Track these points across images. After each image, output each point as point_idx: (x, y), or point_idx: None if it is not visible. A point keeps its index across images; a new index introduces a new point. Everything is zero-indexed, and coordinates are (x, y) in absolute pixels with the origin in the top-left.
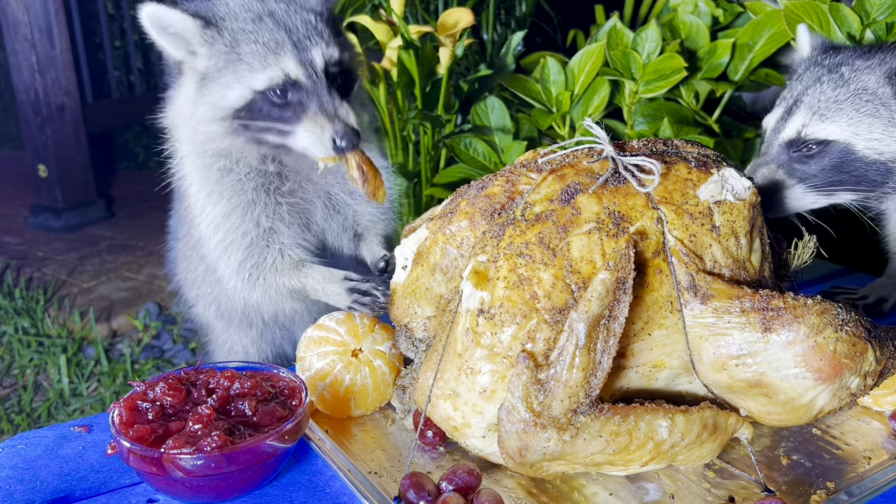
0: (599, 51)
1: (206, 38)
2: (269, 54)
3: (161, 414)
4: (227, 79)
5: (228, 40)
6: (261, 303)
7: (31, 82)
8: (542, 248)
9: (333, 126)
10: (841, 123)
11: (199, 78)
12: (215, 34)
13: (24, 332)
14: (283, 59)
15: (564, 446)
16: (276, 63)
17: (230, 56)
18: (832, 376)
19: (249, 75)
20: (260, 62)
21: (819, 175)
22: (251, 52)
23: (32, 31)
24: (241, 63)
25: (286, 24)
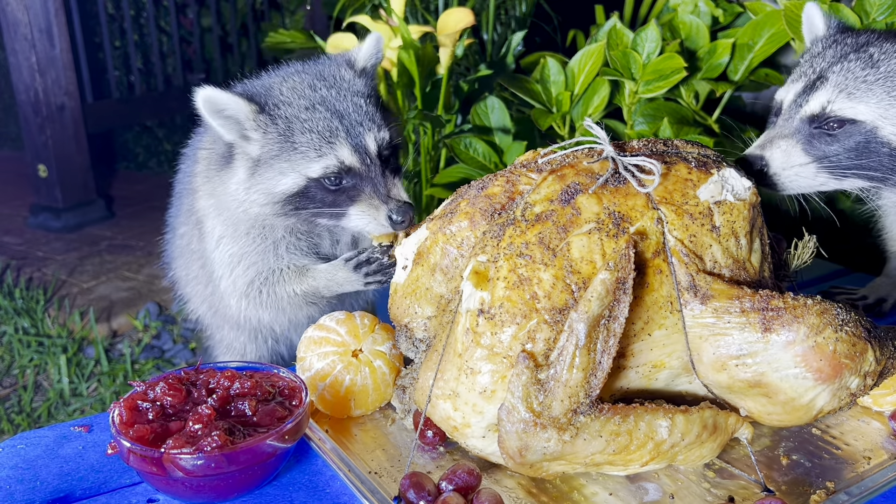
0: (599, 51)
1: (259, 124)
2: (323, 143)
3: (161, 414)
4: (281, 166)
5: (283, 128)
6: (274, 319)
7: (31, 82)
8: (542, 248)
9: (388, 206)
10: (871, 104)
11: (251, 163)
12: (269, 121)
13: (24, 332)
14: (338, 147)
15: (564, 446)
16: (331, 151)
17: (284, 144)
18: (832, 376)
19: (304, 164)
20: (315, 151)
21: (838, 155)
22: (306, 141)
23: (32, 30)
24: (296, 151)
25: (338, 111)
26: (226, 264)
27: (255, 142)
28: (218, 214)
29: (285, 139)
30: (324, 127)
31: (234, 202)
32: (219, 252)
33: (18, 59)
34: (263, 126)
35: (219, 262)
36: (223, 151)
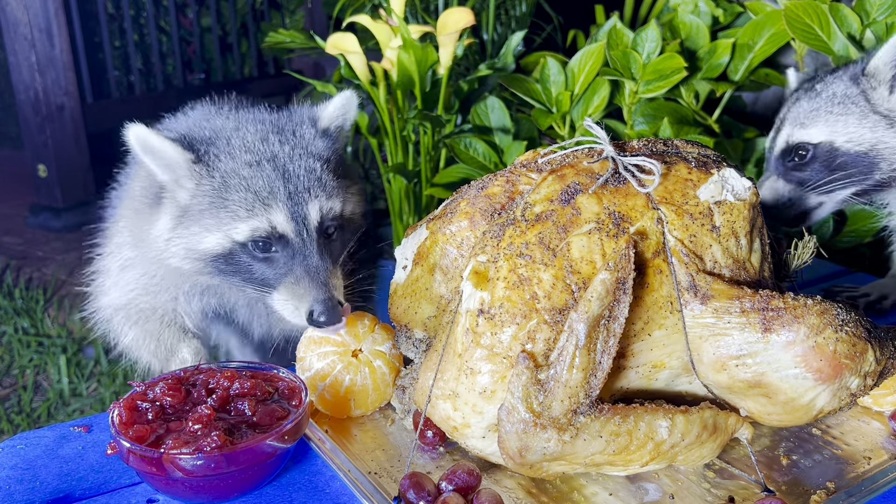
0: (599, 51)
1: (193, 174)
2: (257, 203)
3: (161, 414)
4: (207, 222)
5: (218, 182)
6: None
7: (30, 82)
8: (542, 248)
9: (315, 295)
10: (819, 126)
11: (178, 211)
12: (204, 172)
13: (24, 333)
14: (273, 210)
15: (564, 447)
16: (264, 213)
17: (215, 199)
18: (832, 376)
19: (231, 224)
20: (246, 210)
21: (814, 176)
22: (238, 199)
23: (32, 30)
24: (225, 209)
25: (285, 171)
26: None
27: (187, 190)
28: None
29: (218, 194)
30: (262, 186)
31: (153, 249)
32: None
33: (18, 58)
34: (197, 177)
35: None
36: (155, 189)
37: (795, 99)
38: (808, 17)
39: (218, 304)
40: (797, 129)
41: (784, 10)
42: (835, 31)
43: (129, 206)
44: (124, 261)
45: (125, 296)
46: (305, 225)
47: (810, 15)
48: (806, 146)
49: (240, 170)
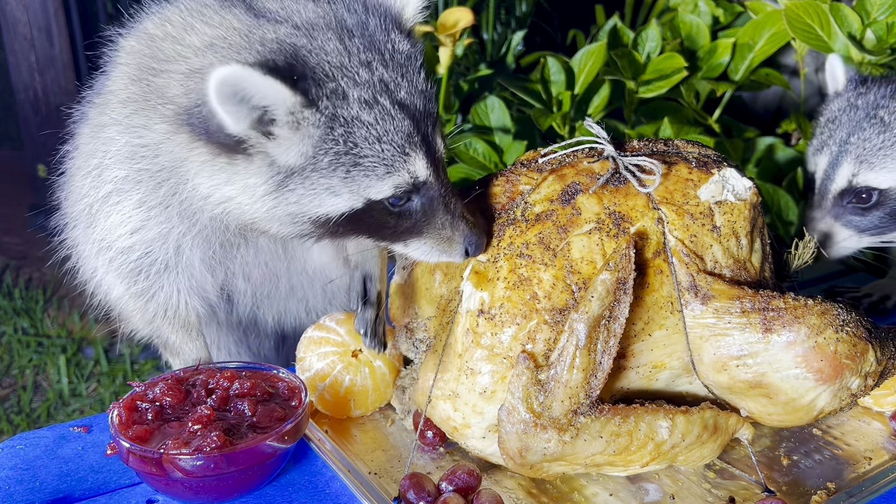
0: (600, 50)
1: (303, 123)
2: (396, 156)
3: (160, 414)
4: (331, 183)
5: (340, 133)
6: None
7: (30, 81)
8: (542, 248)
9: (464, 233)
10: (890, 169)
11: (278, 173)
12: (319, 121)
13: (24, 333)
14: (412, 158)
15: (565, 447)
16: (404, 165)
17: (342, 156)
18: (833, 377)
19: (367, 182)
20: (384, 167)
21: (874, 223)
22: (373, 155)
23: (32, 30)
24: (359, 167)
25: (404, 104)
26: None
27: (289, 145)
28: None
29: (344, 149)
30: (395, 132)
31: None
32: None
33: (17, 58)
34: (308, 127)
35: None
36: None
37: (857, 125)
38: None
39: (224, 281)
40: (865, 170)
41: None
42: (835, 30)
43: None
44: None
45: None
46: (441, 161)
47: (811, 14)
48: (871, 191)
49: (360, 114)
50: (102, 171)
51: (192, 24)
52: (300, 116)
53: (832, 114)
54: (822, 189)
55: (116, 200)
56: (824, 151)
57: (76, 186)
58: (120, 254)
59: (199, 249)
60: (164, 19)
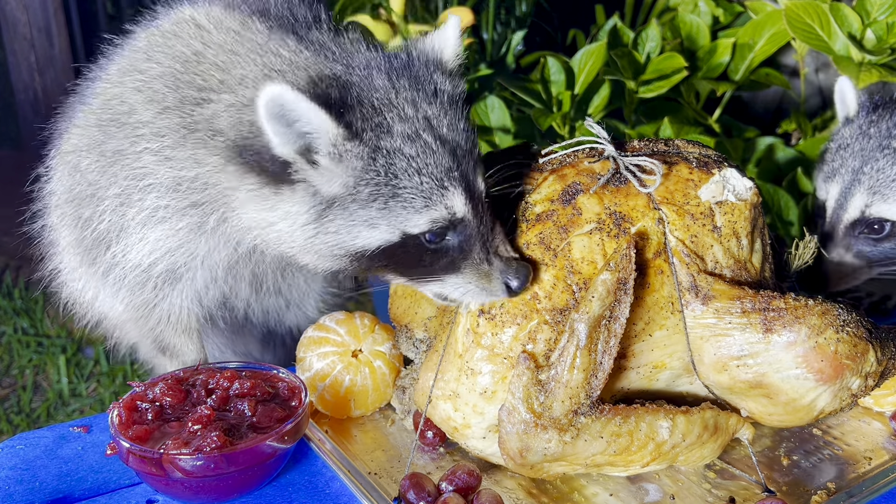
0: (600, 50)
1: (343, 155)
2: (434, 190)
3: (160, 414)
4: (370, 215)
5: (381, 164)
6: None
7: (30, 82)
8: (542, 248)
9: (502, 269)
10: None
11: (320, 203)
12: (361, 153)
13: (24, 333)
14: (451, 193)
15: (565, 447)
16: (442, 200)
17: (381, 188)
18: (833, 377)
19: (404, 215)
20: (423, 199)
21: (888, 255)
22: (412, 188)
23: (31, 30)
24: (397, 199)
25: (447, 140)
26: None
27: (330, 175)
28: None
29: (384, 181)
30: (434, 166)
31: (263, 235)
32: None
33: (17, 58)
34: (350, 158)
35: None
36: (265, 154)
37: (870, 155)
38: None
39: (228, 292)
40: (878, 201)
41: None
42: (835, 30)
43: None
44: (151, 210)
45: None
46: (480, 201)
47: (811, 14)
48: (884, 222)
49: (402, 147)
50: (130, 200)
51: (235, 50)
52: (342, 149)
53: (843, 140)
54: (834, 218)
55: (153, 226)
56: (836, 179)
57: (73, 212)
58: (133, 269)
59: (226, 262)
60: (195, 37)
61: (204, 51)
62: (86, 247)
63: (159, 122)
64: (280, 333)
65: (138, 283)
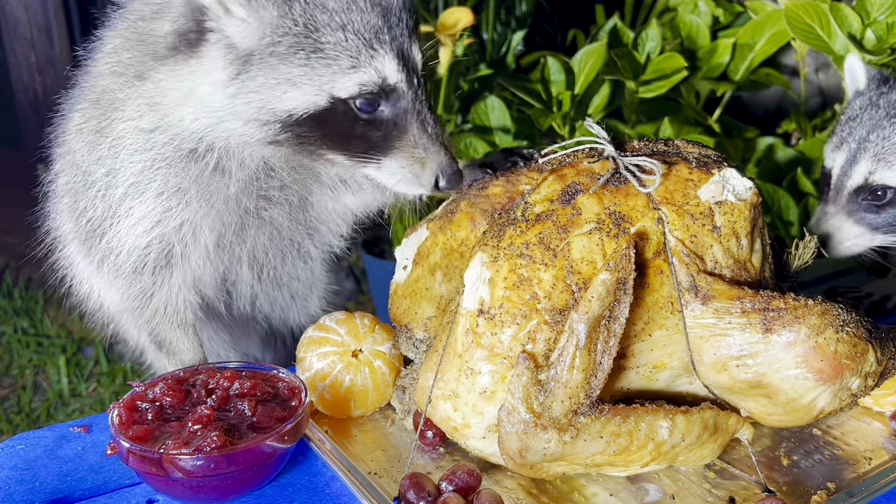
0: (600, 50)
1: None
2: (362, 48)
3: (160, 414)
4: (292, 72)
5: (299, 14)
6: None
7: (30, 82)
8: (542, 248)
9: (439, 160)
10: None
11: (236, 58)
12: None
13: (24, 333)
14: (381, 56)
15: (565, 447)
16: (371, 62)
17: (301, 39)
18: (833, 377)
19: (330, 75)
20: (349, 59)
21: (890, 223)
22: (336, 44)
23: (32, 30)
24: (320, 55)
25: (380, 2)
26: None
27: (244, 25)
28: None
29: (303, 32)
30: (363, 24)
31: (194, 111)
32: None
33: (17, 58)
34: (263, 3)
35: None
36: (180, 25)
37: (877, 123)
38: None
39: (227, 269)
40: (882, 168)
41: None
42: (835, 30)
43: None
44: (133, 180)
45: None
46: (416, 72)
47: (811, 14)
48: (887, 189)
49: (326, 0)
50: (115, 176)
51: None
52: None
53: (853, 112)
54: (838, 185)
55: (135, 196)
56: (843, 148)
57: (71, 204)
58: (128, 254)
59: (214, 234)
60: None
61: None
62: (83, 238)
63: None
64: (282, 333)
65: (135, 270)
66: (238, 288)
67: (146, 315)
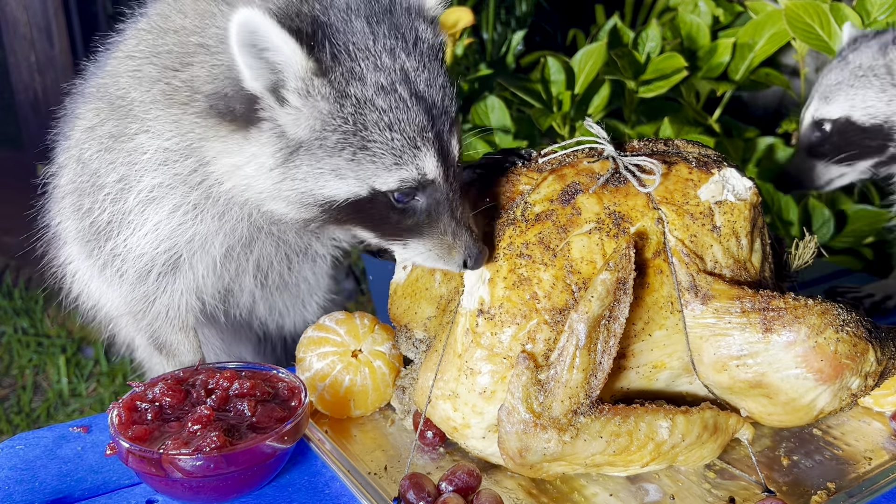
0: (600, 50)
1: (312, 93)
2: (406, 148)
3: (160, 414)
4: (338, 164)
5: (350, 112)
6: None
7: (30, 82)
8: (542, 248)
9: (466, 244)
10: (840, 101)
11: (286, 146)
12: (329, 95)
13: (24, 333)
14: (423, 154)
15: (565, 447)
16: (413, 160)
17: (350, 137)
18: (833, 377)
19: (372, 170)
20: (392, 157)
21: (834, 149)
22: (383, 143)
23: (32, 30)
24: (367, 153)
25: (421, 96)
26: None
27: (297, 114)
28: (170, 149)
29: (352, 130)
30: (408, 123)
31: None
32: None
33: (17, 58)
34: (317, 98)
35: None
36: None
37: (829, 69)
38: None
39: (230, 283)
40: (822, 105)
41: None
42: (835, 30)
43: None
44: (148, 191)
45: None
46: (452, 166)
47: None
48: (826, 121)
49: (375, 98)
50: (129, 183)
51: (210, 11)
52: (310, 84)
53: (829, 68)
54: (802, 128)
55: (152, 208)
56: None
57: (75, 203)
58: (134, 260)
59: (223, 247)
60: (175, 10)
61: (182, 21)
62: (86, 238)
63: (147, 98)
64: (275, 340)
65: (139, 276)
66: (236, 297)
67: (148, 318)
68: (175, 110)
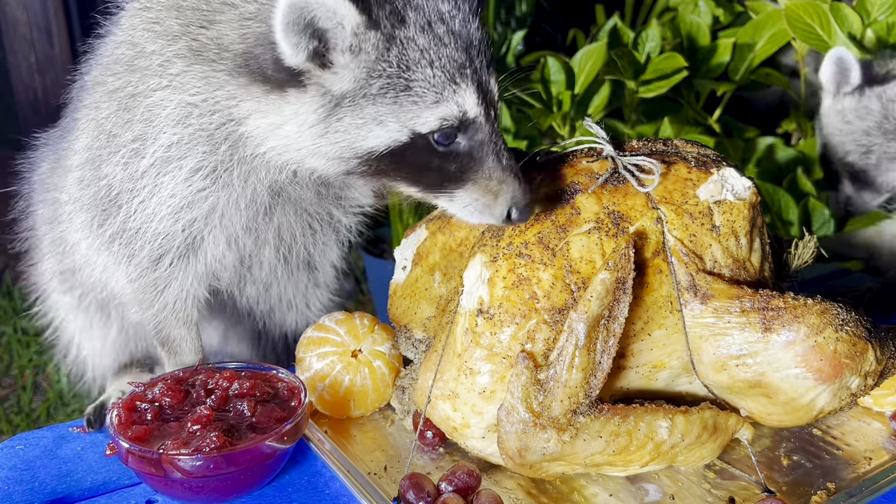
0: (600, 50)
1: (363, 46)
2: (446, 82)
3: (160, 414)
4: (379, 111)
5: (396, 55)
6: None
7: (30, 82)
8: (541, 248)
9: (513, 192)
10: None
11: (329, 101)
12: (379, 43)
13: (24, 333)
14: (462, 90)
15: (564, 447)
16: (453, 96)
17: (394, 80)
18: (832, 376)
19: (414, 111)
20: (434, 94)
21: None
22: (423, 80)
23: (32, 30)
24: (408, 93)
25: (459, 35)
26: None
27: (345, 71)
28: (192, 104)
29: (396, 72)
30: (447, 58)
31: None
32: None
33: (17, 58)
34: (368, 49)
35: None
36: (276, 68)
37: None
38: (809, 17)
39: (250, 252)
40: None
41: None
42: (835, 30)
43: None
44: (164, 150)
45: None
46: (493, 105)
47: (811, 14)
48: None
49: (416, 36)
50: (144, 145)
51: None
52: (362, 38)
53: None
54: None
55: (165, 172)
56: None
57: (80, 175)
58: (149, 240)
59: (244, 216)
60: None
61: None
62: (95, 205)
63: (167, 52)
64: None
65: (151, 259)
66: (254, 273)
67: (154, 308)
68: (203, 66)
